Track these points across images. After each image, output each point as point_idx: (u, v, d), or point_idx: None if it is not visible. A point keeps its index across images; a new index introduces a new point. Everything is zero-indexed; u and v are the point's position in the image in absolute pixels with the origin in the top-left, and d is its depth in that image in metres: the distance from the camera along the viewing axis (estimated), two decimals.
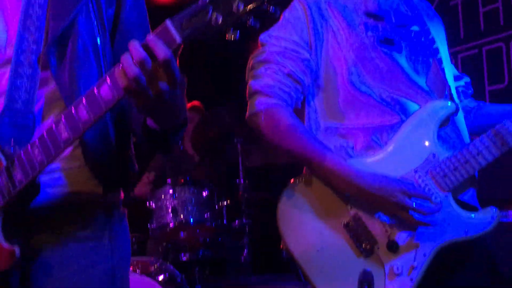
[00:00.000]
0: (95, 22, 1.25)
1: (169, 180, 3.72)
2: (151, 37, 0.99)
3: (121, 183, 1.31)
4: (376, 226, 1.55)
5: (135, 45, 1.00)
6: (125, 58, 1.00)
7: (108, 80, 1.04)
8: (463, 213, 1.55)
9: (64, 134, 1.08)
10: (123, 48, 1.27)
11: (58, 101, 1.22)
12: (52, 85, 1.23)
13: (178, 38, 0.98)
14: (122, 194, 1.35)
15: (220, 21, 0.95)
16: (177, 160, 4.26)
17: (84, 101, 1.06)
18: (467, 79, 1.93)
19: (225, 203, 3.86)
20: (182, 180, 3.70)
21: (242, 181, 4.02)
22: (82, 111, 1.06)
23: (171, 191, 3.66)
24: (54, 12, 1.22)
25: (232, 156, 4.17)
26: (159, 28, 0.99)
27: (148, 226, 3.72)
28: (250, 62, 1.73)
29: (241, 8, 0.94)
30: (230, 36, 0.97)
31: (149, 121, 1.16)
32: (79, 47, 1.22)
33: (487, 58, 3.42)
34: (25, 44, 1.20)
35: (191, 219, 3.62)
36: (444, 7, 3.58)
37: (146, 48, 0.99)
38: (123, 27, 1.31)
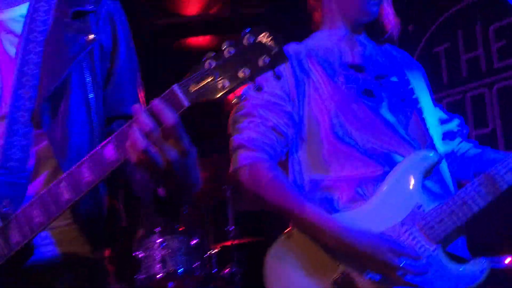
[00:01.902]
0: (89, 79, 1.26)
1: (157, 229, 3.67)
2: (157, 102, 0.99)
3: (109, 241, 1.30)
4: (365, 284, 1.53)
5: (141, 114, 0.99)
6: (133, 131, 0.99)
7: (114, 141, 1.03)
8: (453, 266, 1.54)
9: (66, 195, 1.06)
10: (115, 101, 1.31)
11: (50, 159, 1.21)
12: (44, 142, 1.22)
13: (185, 102, 0.98)
14: (107, 251, 1.33)
15: (226, 86, 0.98)
16: None
17: (87, 161, 1.05)
18: (457, 120, 1.94)
19: (214, 251, 3.81)
20: (171, 229, 3.66)
21: (232, 227, 3.98)
22: (86, 171, 1.04)
23: (159, 240, 3.61)
24: (48, 70, 1.22)
25: (221, 202, 4.13)
26: (166, 92, 1.00)
27: (135, 276, 3.64)
28: (233, 115, 1.72)
29: (247, 74, 0.97)
30: (235, 99, 1.00)
31: (160, 190, 1.14)
32: (72, 104, 1.22)
33: (471, 104, 3.49)
34: (20, 102, 1.20)
35: (180, 269, 3.56)
36: (426, 54, 3.67)
37: (152, 113, 0.99)
38: (116, 81, 1.31)
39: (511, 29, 3.27)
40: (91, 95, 1.25)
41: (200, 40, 5.09)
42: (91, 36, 1.26)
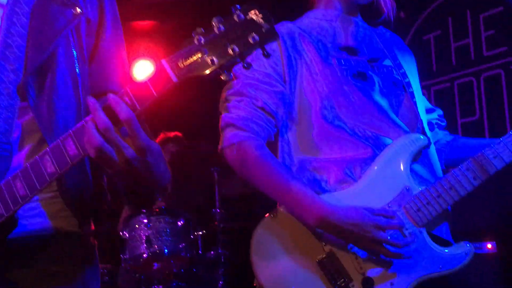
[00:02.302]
0: (75, 53, 1.25)
1: (143, 209, 3.65)
2: (112, 97, 0.99)
3: (94, 215, 1.29)
4: (351, 263, 1.54)
5: (97, 111, 0.99)
6: (89, 127, 1.00)
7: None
8: (437, 248, 1.56)
9: (51, 168, 1.06)
10: (100, 77, 1.30)
11: (35, 132, 1.20)
12: (29, 115, 1.21)
13: (174, 78, 0.98)
14: (92, 226, 1.32)
15: (215, 62, 0.97)
16: None
17: (72, 135, 1.04)
18: (439, 111, 1.96)
19: (200, 233, 3.81)
20: (157, 210, 3.64)
21: (218, 210, 3.98)
22: (71, 144, 1.04)
23: (145, 220, 3.60)
24: (34, 42, 1.21)
25: (208, 184, 4.13)
26: (154, 67, 1.00)
27: (121, 256, 3.63)
28: (223, 94, 1.72)
29: (236, 51, 0.96)
30: (224, 76, 0.99)
31: (126, 187, 1.15)
32: (58, 78, 1.21)
33: (459, 92, 3.52)
34: (4, 74, 1.18)
35: (166, 249, 3.55)
36: (417, 41, 3.68)
37: (109, 109, 0.99)
38: (101, 57, 1.30)
39: (501, 18, 3.29)
40: (78, 70, 1.24)
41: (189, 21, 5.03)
42: (78, 10, 1.24)
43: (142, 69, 4.73)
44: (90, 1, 1.29)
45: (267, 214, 1.66)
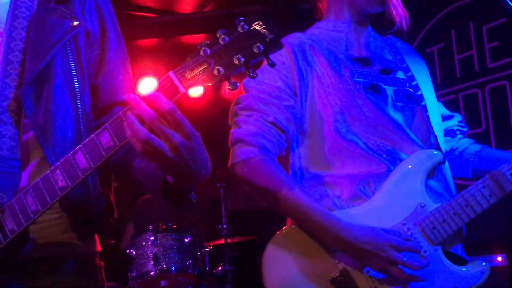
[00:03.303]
0: (73, 65, 1.25)
1: (150, 226, 3.65)
2: (153, 92, 1.00)
3: (99, 232, 1.29)
4: (365, 281, 1.52)
5: (138, 103, 1.00)
6: (131, 121, 1.00)
7: (109, 128, 1.04)
8: (453, 267, 1.54)
9: (62, 183, 1.06)
10: (108, 89, 1.31)
11: (38, 148, 1.20)
12: (31, 132, 1.21)
13: (181, 88, 1.00)
14: (99, 247, 1.32)
15: (221, 72, 0.98)
16: (156, 205, 4.19)
17: (83, 148, 1.05)
18: (458, 117, 1.93)
19: (207, 249, 3.79)
20: (164, 226, 3.63)
21: (225, 226, 3.96)
22: (81, 158, 1.05)
23: (152, 237, 3.59)
24: (31, 53, 1.22)
25: (214, 200, 4.12)
26: (161, 79, 1.01)
27: (128, 274, 3.61)
28: (233, 108, 1.69)
29: (242, 60, 0.98)
30: (230, 86, 1.00)
31: (169, 178, 1.14)
32: (56, 88, 1.22)
33: (464, 104, 3.52)
34: (7, 90, 1.19)
35: (173, 266, 3.54)
36: (420, 54, 3.69)
37: (148, 102, 1.00)
38: (108, 69, 1.31)
39: (504, 30, 3.30)
40: (76, 82, 1.25)
41: (194, 39, 5.08)
42: (75, 22, 1.26)
43: (147, 86, 4.71)
44: (89, 14, 1.31)
45: (279, 230, 1.63)
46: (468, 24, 3.50)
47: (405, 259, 1.46)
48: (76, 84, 1.25)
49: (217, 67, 0.98)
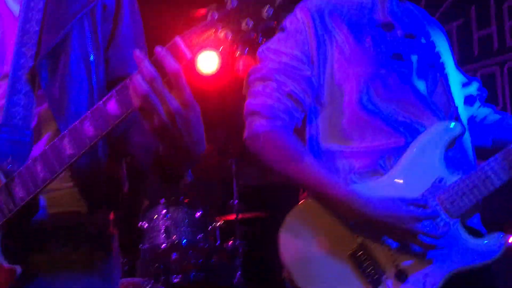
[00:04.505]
0: (89, 38, 1.24)
1: (162, 200, 3.67)
2: (160, 50, 0.98)
3: (110, 204, 1.29)
4: (384, 255, 1.51)
5: (144, 61, 0.98)
6: (135, 76, 0.99)
7: (116, 95, 1.02)
8: (471, 240, 1.53)
9: (69, 150, 1.06)
10: (118, 63, 1.29)
11: (52, 120, 1.20)
12: (45, 104, 1.21)
13: (188, 54, 0.98)
14: (112, 215, 1.32)
15: (229, 37, 0.96)
16: None
17: (90, 116, 1.04)
18: (476, 83, 1.88)
19: (218, 223, 3.82)
20: (176, 200, 3.66)
21: (236, 201, 3.98)
22: (88, 126, 1.04)
23: (164, 211, 3.62)
24: (48, 26, 1.21)
25: (226, 175, 4.13)
26: (168, 44, 0.99)
27: (140, 246, 3.65)
28: (248, 78, 1.64)
29: (250, 25, 0.95)
30: (238, 51, 0.98)
31: (162, 152, 1.12)
32: (72, 61, 1.21)
33: (482, 82, 3.45)
34: (22, 60, 1.19)
35: (184, 240, 3.57)
36: None
37: (155, 62, 0.98)
38: (119, 42, 1.30)
39: None
40: (91, 55, 1.24)
41: None
42: None
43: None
44: None
45: (293, 205, 1.62)
46: (488, 0, 3.42)
47: (425, 228, 1.45)
48: (92, 58, 1.24)
49: (224, 32, 0.96)
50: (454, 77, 1.74)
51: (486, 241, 1.54)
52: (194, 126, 1.03)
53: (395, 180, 1.55)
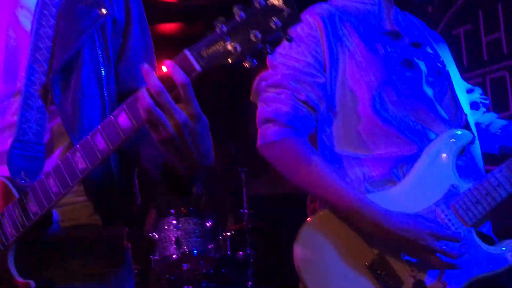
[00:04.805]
0: (100, 53, 1.25)
1: (172, 211, 3.68)
2: (169, 63, 0.99)
3: (123, 218, 1.29)
4: (402, 266, 1.49)
5: (150, 75, 0.99)
6: (142, 90, 1.00)
7: (126, 108, 1.03)
8: (486, 247, 1.52)
9: (81, 164, 1.06)
10: (129, 77, 1.30)
11: (64, 135, 1.21)
12: (58, 119, 1.22)
13: (197, 67, 0.98)
14: (126, 228, 1.33)
15: (238, 49, 0.96)
16: None
17: (101, 130, 1.05)
18: (479, 90, 1.89)
19: (229, 233, 3.81)
20: (186, 211, 3.66)
21: (246, 210, 3.97)
22: (100, 140, 1.05)
23: (174, 221, 3.62)
24: (60, 42, 1.22)
25: (236, 185, 4.13)
26: (177, 56, 0.99)
27: (151, 257, 3.65)
28: (258, 84, 1.61)
29: (259, 37, 0.95)
30: (248, 63, 0.97)
31: (170, 164, 1.13)
32: (83, 77, 1.22)
33: (491, 87, 3.44)
34: (34, 76, 1.20)
35: (195, 250, 3.57)
36: (446, 36, 3.60)
37: (164, 75, 0.98)
38: (129, 56, 1.31)
39: None
40: (102, 69, 1.25)
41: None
42: (104, 10, 1.25)
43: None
44: (116, 2, 1.30)
45: (309, 218, 1.59)
46: (496, 5, 3.40)
47: (443, 247, 1.43)
48: (103, 73, 1.25)
49: (233, 44, 0.95)
50: (460, 85, 1.74)
51: (501, 248, 1.52)
52: (202, 138, 1.03)
53: (409, 189, 1.54)
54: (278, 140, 1.54)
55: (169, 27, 5.15)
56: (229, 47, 0.96)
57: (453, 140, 1.57)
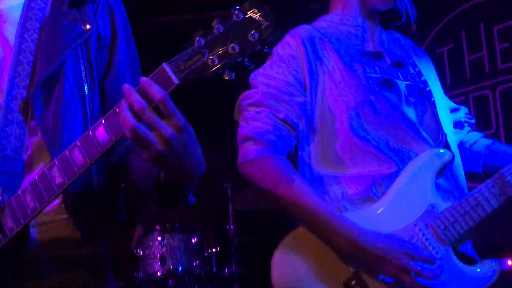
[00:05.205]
0: (84, 69, 1.25)
1: (157, 227, 3.65)
2: (145, 80, 0.99)
3: (106, 235, 1.28)
4: (377, 285, 1.49)
5: (131, 93, 0.99)
6: (123, 109, 0.99)
7: (104, 122, 1.03)
8: (464, 267, 1.52)
9: (59, 179, 1.06)
10: (115, 92, 1.29)
11: (45, 151, 1.20)
12: (39, 135, 1.21)
13: (175, 79, 0.98)
14: (108, 247, 1.31)
15: (216, 62, 0.97)
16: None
17: (78, 144, 1.04)
18: (465, 109, 1.91)
19: (214, 249, 3.79)
20: (171, 227, 3.63)
21: (232, 226, 3.95)
22: (77, 154, 1.04)
23: (159, 238, 3.59)
24: (42, 56, 1.22)
25: (221, 200, 4.11)
26: (155, 70, 1.00)
27: (135, 274, 3.61)
28: (240, 103, 1.64)
29: (237, 49, 0.96)
30: (226, 76, 0.98)
31: (162, 176, 1.12)
32: (66, 92, 1.22)
33: (474, 105, 3.49)
34: (15, 90, 1.19)
35: (180, 267, 3.54)
36: (430, 55, 3.65)
37: (142, 91, 0.99)
38: (116, 71, 1.31)
39: None
40: (85, 85, 1.25)
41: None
42: (88, 25, 1.25)
43: None
44: (102, 17, 1.31)
45: (288, 231, 1.61)
46: (478, 25, 3.47)
47: (418, 268, 1.43)
48: (86, 88, 1.25)
49: (211, 57, 0.96)
50: (442, 104, 1.76)
51: (479, 268, 1.53)
52: (192, 149, 1.03)
53: (387, 208, 1.55)
54: (257, 158, 1.56)
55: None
56: (208, 60, 0.97)
57: (432, 159, 1.58)
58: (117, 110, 1.02)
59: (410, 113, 1.63)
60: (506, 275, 2.79)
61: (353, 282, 1.50)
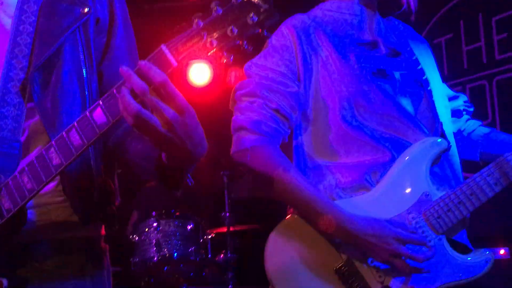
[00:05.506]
0: (82, 52, 1.25)
1: (153, 213, 3.66)
2: (143, 62, 0.99)
3: (102, 218, 1.28)
4: (369, 272, 1.50)
5: (131, 76, 0.98)
6: (123, 94, 0.98)
7: (102, 104, 1.03)
8: (457, 256, 1.53)
9: (56, 160, 1.06)
10: (113, 75, 1.29)
11: (43, 134, 1.20)
12: (37, 117, 1.21)
13: (173, 61, 0.98)
14: (103, 230, 1.32)
15: (215, 45, 0.96)
16: (160, 192, 4.20)
17: (76, 126, 1.04)
18: (464, 97, 1.90)
19: (210, 236, 3.81)
20: (167, 213, 3.64)
21: (227, 214, 3.97)
22: (75, 136, 1.04)
23: (155, 224, 3.60)
24: (41, 39, 1.21)
25: (218, 188, 4.13)
26: (154, 52, 1.00)
27: (131, 260, 3.63)
28: (234, 93, 1.65)
29: (235, 32, 0.96)
30: (224, 59, 0.98)
31: (164, 157, 1.12)
32: (64, 75, 1.22)
33: (471, 95, 3.49)
34: (12, 72, 1.19)
35: (175, 253, 3.56)
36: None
37: (140, 74, 0.98)
38: (114, 55, 1.31)
39: None
40: (83, 68, 1.24)
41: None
42: (86, 9, 1.25)
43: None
44: (100, 1, 1.30)
45: (282, 219, 1.62)
46: (477, 15, 3.46)
47: (409, 251, 1.45)
48: (84, 71, 1.25)
49: (210, 40, 0.96)
50: (440, 92, 1.75)
51: (472, 257, 1.54)
52: (194, 129, 1.03)
53: (381, 195, 1.55)
54: (249, 147, 1.57)
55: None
56: (206, 42, 0.96)
57: (428, 148, 1.58)
58: (114, 92, 1.02)
59: (405, 102, 1.63)
60: (498, 264, 2.82)
61: (345, 269, 1.51)
